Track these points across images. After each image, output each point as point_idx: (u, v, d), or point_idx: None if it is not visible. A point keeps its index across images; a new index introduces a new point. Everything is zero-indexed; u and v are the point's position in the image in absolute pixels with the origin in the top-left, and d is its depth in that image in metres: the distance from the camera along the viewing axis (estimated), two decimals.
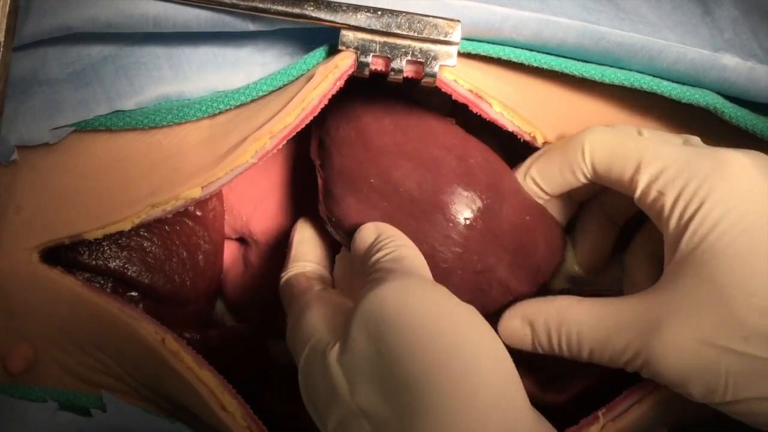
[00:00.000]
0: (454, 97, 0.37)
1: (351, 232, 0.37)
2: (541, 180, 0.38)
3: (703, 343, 0.32)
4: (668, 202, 0.33)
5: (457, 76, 0.37)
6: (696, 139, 0.37)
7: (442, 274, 0.37)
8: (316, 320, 0.33)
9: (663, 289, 0.33)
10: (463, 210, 0.37)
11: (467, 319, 0.30)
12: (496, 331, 0.37)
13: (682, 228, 0.33)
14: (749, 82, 0.39)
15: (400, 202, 0.37)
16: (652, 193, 0.34)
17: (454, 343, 0.28)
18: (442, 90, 0.37)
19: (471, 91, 0.37)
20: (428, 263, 0.36)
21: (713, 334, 0.31)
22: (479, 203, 0.37)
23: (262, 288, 0.46)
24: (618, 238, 0.42)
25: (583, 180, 0.37)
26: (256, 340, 0.42)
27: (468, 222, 0.37)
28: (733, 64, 0.38)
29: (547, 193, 0.38)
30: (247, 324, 0.44)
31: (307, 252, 0.42)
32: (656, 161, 0.34)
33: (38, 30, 0.36)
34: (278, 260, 0.46)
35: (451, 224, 0.37)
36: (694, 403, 0.38)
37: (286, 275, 0.40)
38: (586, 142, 0.36)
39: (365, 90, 0.39)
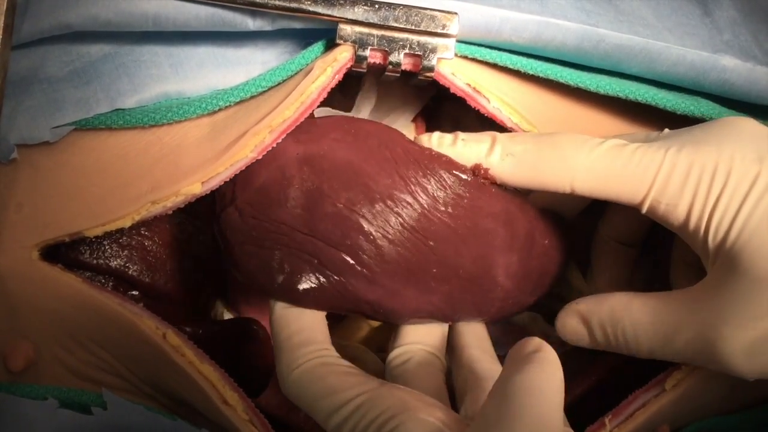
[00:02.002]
0: (452, 90, 0.37)
1: (405, 318, 0.37)
2: (513, 173, 0.36)
3: (763, 333, 0.31)
4: (682, 210, 0.33)
5: (454, 70, 0.37)
6: (667, 131, 0.36)
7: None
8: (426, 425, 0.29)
9: (711, 285, 0.33)
10: (512, 273, 0.38)
11: None
12: None
13: (705, 228, 0.33)
14: (749, 84, 0.39)
15: (460, 283, 0.37)
16: (662, 208, 0.34)
17: None
18: (440, 83, 0.37)
19: (469, 84, 0.37)
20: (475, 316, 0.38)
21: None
22: (521, 261, 0.38)
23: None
24: (637, 259, 0.43)
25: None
26: (260, 332, 0.41)
27: (513, 280, 0.38)
28: (733, 66, 0.38)
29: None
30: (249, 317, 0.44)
31: (319, 332, 0.35)
32: (657, 181, 0.33)
33: (37, 28, 0.37)
34: None
35: (499, 288, 0.38)
36: (700, 406, 0.38)
37: (302, 364, 0.33)
38: (574, 180, 0.34)
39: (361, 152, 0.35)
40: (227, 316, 0.47)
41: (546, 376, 0.28)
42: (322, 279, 0.35)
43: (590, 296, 0.37)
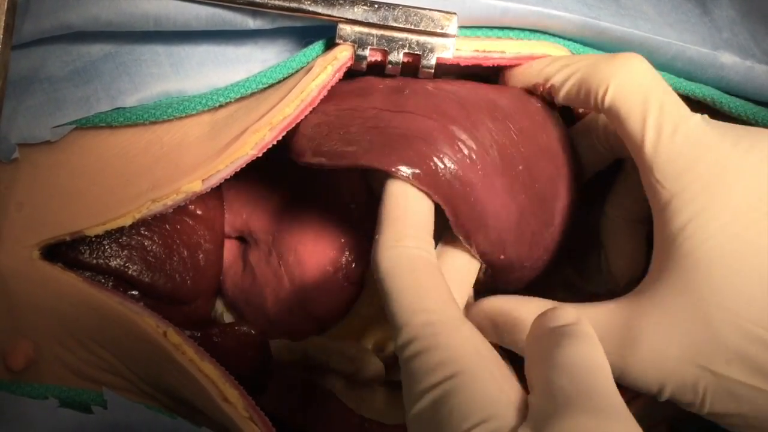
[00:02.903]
0: (462, 65, 0.37)
1: (483, 217, 0.34)
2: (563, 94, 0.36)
3: (681, 361, 0.31)
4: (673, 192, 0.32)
5: (458, 45, 0.37)
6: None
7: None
8: (490, 391, 0.26)
9: (644, 295, 0.32)
10: (563, 221, 0.38)
11: None
12: None
13: (681, 224, 0.32)
14: (747, 81, 0.39)
15: (532, 200, 0.36)
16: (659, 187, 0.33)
17: None
18: (446, 64, 0.37)
19: (476, 50, 0.37)
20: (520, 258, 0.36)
21: (693, 354, 0.30)
22: (570, 216, 0.38)
23: (261, 287, 0.46)
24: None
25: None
26: (259, 338, 0.41)
27: (560, 230, 0.38)
28: (731, 63, 0.39)
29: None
30: (248, 323, 0.44)
31: (430, 225, 0.32)
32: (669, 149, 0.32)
33: (38, 28, 0.37)
34: (278, 259, 0.46)
35: (550, 231, 0.37)
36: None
37: (407, 246, 0.30)
38: (611, 84, 0.33)
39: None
40: (227, 316, 0.48)
41: (597, 351, 0.26)
42: (410, 146, 0.33)
43: (506, 296, 0.36)
